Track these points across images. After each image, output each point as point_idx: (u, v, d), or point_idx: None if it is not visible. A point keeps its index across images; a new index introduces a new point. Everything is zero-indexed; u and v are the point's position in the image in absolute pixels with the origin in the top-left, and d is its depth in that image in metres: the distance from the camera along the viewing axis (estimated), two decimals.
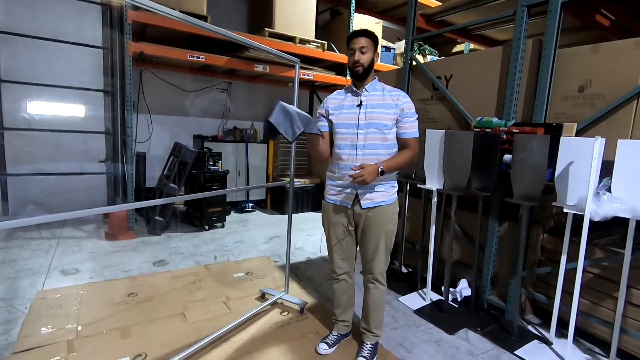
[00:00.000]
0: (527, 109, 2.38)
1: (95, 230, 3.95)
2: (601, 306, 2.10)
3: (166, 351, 1.90)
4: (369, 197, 1.80)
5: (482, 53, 2.96)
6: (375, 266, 1.87)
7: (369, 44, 1.75)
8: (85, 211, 1.57)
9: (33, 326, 2.07)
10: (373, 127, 1.76)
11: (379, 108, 1.77)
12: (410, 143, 1.80)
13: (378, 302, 1.92)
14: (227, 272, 3.00)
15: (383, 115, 1.76)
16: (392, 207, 1.85)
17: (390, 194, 1.85)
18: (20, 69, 3.99)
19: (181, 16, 1.60)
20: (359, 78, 1.79)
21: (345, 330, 2.11)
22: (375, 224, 1.81)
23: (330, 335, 2.07)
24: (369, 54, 1.76)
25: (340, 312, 2.07)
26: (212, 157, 4.40)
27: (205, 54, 4.14)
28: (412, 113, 1.79)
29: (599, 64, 2.11)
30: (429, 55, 5.54)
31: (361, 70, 1.76)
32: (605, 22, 2.94)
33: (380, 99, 1.78)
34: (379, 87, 1.83)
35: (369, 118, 1.76)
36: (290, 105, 1.70)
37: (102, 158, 4.55)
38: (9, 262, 3.00)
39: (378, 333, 1.98)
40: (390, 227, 1.85)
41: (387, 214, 1.83)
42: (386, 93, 1.80)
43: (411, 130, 1.79)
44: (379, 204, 1.80)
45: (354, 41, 1.76)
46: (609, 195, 1.83)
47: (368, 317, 1.95)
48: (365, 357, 1.92)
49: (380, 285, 1.91)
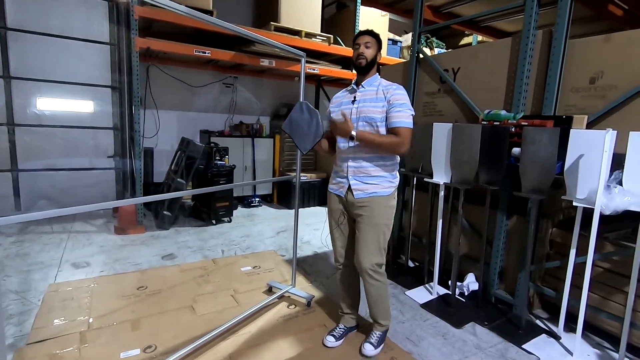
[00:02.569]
0: (537, 102, 2.34)
1: (105, 225, 4.01)
2: (611, 300, 2.08)
3: (176, 343, 1.94)
4: (360, 188, 1.85)
5: (490, 45, 2.91)
6: (363, 259, 1.85)
7: (373, 41, 1.86)
8: (95, 205, 1.59)
9: (46, 318, 2.12)
10: (362, 121, 1.84)
11: (369, 102, 1.84)
12: (398, 132, 1.77)
13: (374, 296, 1.92)
14: (235, 265, 3.03)
15: (372, 108, 1.83)
16: (385, 199, 1.85)
17: (384, 186, 1.85)
18: (30, 65, 4.04)
19: (187, 11, 1.60)
20: (361, 72, 1.88)
21: (352, 323, 2.12)
22: (366, 215, 1.84)
23: (337, 328, 2.08)
24: (373, 49, 1.86)
25: (346, 305, 2.10)
26: (218, 152, 4.42)
27: (211, 49, 4.14)
28: (400, 104, 1.79)
29: (611, 54, 2.06)
30: (436, 48, 5.48)
31: (364, 62, 1.84)
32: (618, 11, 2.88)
33: (373, 94, 1.85)
34: (376, 83, 1.89)
35: (360, 112, 1.85)
36: (312, 108, 1.85)
37: (110, 153, 4.60)
38: (22, 256, 3.06)
39: (384, 323, 2.00)
40: (382, 220, 1.85)
41: (380, 206, 1.84)
42: (380, 88, 1.85)
43: (398, 119, 1.77)
44: (370, 194, 1.84)
45: (359, 38, 1.88)
46: (620, 188, 1.80)
47: (370, 308, 2.00)
48: (372, 342, 1.95)
49: (373, 280, 1.88)
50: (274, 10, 4.67)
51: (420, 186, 3.00)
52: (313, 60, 5.01)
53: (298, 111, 1.90)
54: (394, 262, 3.14)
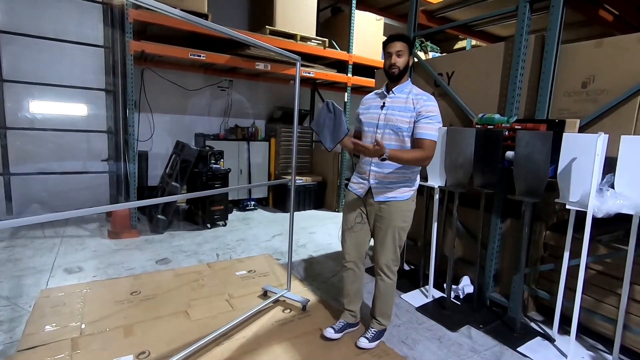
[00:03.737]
0: (530, 105, 2.37)
1: (99, 229, 3.97)
2: (604, 303, 2.10)
3: (169, 348, 1.91)
4: (381, 191, 1.92)
5: (484, 49, 2.94)
6: (380, 257, 1.96)
7: (405, 48, 1.85)
8: (88, 210, 1.57)
9: (37, 324, 2.08)
10: (389, 129, 1.87)
11: (397, 111, 1.86)
12: (423, 144, 1.82)
13: (383, 293, 2.01)
14: (230, 270, 3.01)
15: (399, 117, 1.85)
16: (404, 204, 1.92)
17: (403, 191, 1.92)
18: (23, 68, 4.00)
19: (182, 14, 1.60)
20: (393, 80, 1.90)
21: (353, 320, 2.16)
22: (385, 217, 1.92)
23: (338, 322, 2.14)
24: (405, 57, 1.86)
25: (348, 302, 2.15)
26: (213, 156, 4.40)
27: (206, 52, 4.13)
28: (429, 115, 1.82)
29: (603, 59, 2.09)
30: (431, 52, 5.53)
31: (397, 72, 1.86)
32: (609, 17, 2.91)
33: (402, 102, 1.86)
34: (407, 90, 1.90)
35: (387, 120, 1.88)
36: (337, 107, 1.83)
37: (104, 157, 4.57)
38: (13, 261, 3.02)
39: (383, 322, 2.06)
40: (400, 224, 1.92)
41: (398, 210, 1.91)
42: (410, 96, 1.86)
43: (425, 131, 1.82)
44: (389, 199, 1.91)
45: (390, 45, 1.86)
46: (612, 191, 1.82)
47: (374, 305, 2.07)
48: (367, 337, 2.01)
49: (386, 277, 1.98)
50: (269, 13, 4.69)
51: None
52: (308, 63, 5.03)
53: (325, 110, 1.89)
54: None
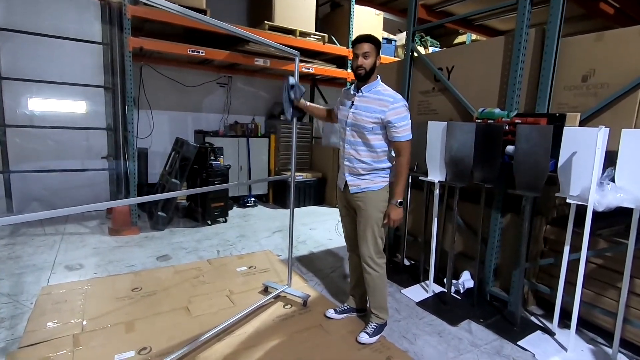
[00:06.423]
0: (530, 100, 2.36)
1: (99, 226, 3.97)
2: (604, 296, 2.10)
3: (171, 344, 1.92)
4: (354, 184, 2.00)
5: (484, 43, 2.92)
6: (363, 250, 2.01)
7: (371, 49, 1.88)
8: (88, 206, 1.57)
9: (39, 321, 2.09)
10: (356, 127, 1.95)
11: (364, 111, 1.91)
12: (399, 147, 1.91)
13: (372, 286, 2.04)
14: (230, 266, 3.01)
15: (365, 118, 1.90)
16: (378, 193, 1.97)
17: (376, 182, 1.97)
18: (21, 65, 3.98)
19: (181, 10, 1.59)
20: (361, 80, 1.95)
21: (354, 305, 2.26)
22: (362, 209, 1.99)
23: (342, 305, 2.29)
24: (371, 58, 1.89)
25: (351, 286, 2.30)
26: (213, 152, 4.39)
27: (205, 49, 4.11)
28: (399, 118, 1.87)
29: (603, 52, 2.07)
30: (431, 47, 5.50)
31: (363, 73, 1.90)
32: (610, 10, 2.90)
33: (369, 102, 1.91)
34: (375, 89, 1.93)
35: (355, 119, 1.94)
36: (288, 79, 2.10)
37: (104, 154, 4.56)
38: (14, 259, 3.03)
39: (381, 316, 2.09)
40: (376, 214, 1.97)
41: (373, 200, 1.97)
42: (378, 97, 1.90)
43: (401, 134, 1.89)
44: (362, 189, 1.98)
45: (357, 46, 1.90)
46: (613, 185, 1.81)
47: (369, 299, 2.12)
48: (367, 332, 2.05)
49: (372, 270, 2.01)
50: (268, 9, 4.66)
51: (416, 185, 3.01)
52: (307, 59, 5.01)
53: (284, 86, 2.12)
54: (389, 261, 3.13)
